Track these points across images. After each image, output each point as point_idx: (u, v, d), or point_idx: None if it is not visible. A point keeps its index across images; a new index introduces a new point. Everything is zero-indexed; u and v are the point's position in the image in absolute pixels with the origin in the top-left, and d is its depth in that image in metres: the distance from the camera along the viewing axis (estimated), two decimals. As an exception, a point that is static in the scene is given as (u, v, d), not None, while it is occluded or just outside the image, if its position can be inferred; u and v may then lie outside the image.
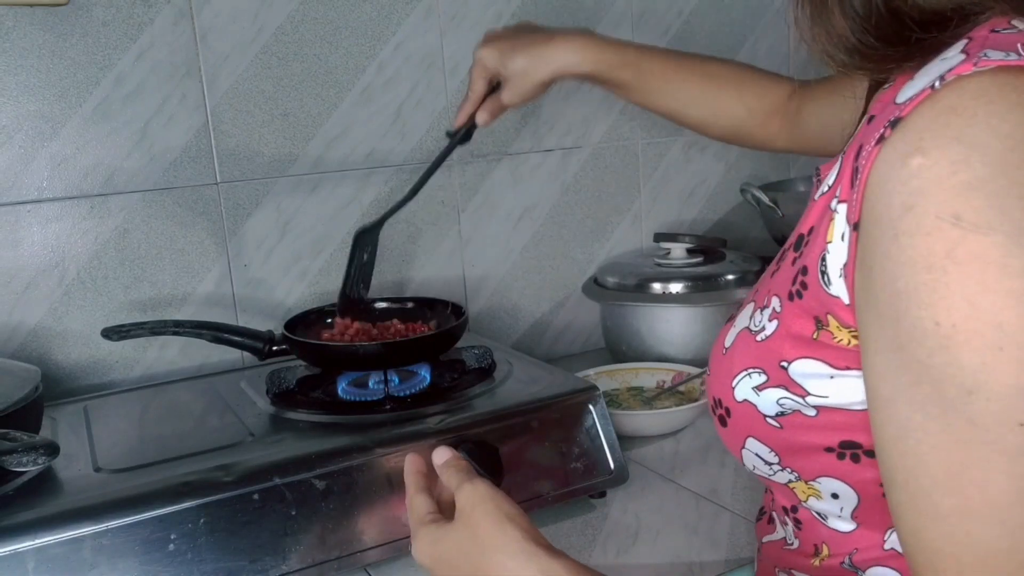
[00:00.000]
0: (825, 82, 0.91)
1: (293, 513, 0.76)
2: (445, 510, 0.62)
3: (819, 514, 0.62)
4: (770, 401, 0.57)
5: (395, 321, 1.07)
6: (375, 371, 0.96)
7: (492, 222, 1.31)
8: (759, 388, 0.58)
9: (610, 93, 1.01)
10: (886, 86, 0.53)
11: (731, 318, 0.66)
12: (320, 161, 1.18)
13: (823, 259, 0.52)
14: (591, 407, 0.91)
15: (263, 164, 1.15)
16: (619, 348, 1.29)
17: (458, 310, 1.04)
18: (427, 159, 1.25)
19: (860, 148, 0.48)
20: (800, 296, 0.55)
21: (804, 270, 0.54)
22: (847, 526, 0.60)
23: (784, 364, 0.56)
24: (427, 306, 1.09)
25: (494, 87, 0.99)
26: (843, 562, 0.61)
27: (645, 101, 0.98)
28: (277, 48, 1.14)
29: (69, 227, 1.06)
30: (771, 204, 1.36)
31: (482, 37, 0.99)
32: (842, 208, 0.50)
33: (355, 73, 1.18)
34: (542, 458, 0.87)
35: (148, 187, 1.09)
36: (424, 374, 0.98)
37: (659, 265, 1.30)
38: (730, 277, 1.25)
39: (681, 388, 1.15)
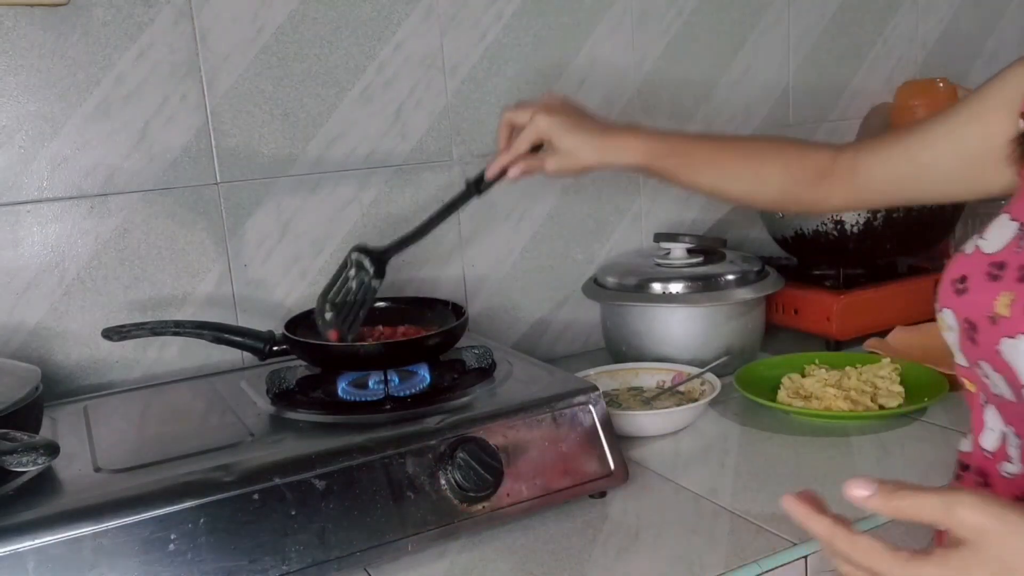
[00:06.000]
0: (876, 140, 0.92)
1: (293, 513, 0.76)
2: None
3: None
4: None
5: (402, 327, 1.08)
6: (375, 371, 0.96)
7: (492, 222, 1.31)
8: None
9: (638, 126, 1.01)
10: None
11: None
12: (320, 161, 1.18)
13: None
14: (591, 407, 0.91)
15: (263, 164, 1.15)
16: (619, 348, 1.29)
17: (458, 310, 1.04)
18: (427, 159, 1.25)
19: None
20: None
21: None
22: None
23: None
24: (427, 306, 1.09)
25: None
26: None
27: (691, 183, 1.00)
28: (277, 48, 1.14)
29: (69, 227, 1.06)
30: (771, 204, 1.36)
31: (541, 99, 1.00)
32: None
33: (355, 73, 1.18)
34: (542, 458, 0.87)
35: (148, 187, 1.09)
36: (424, 374, 0.98)
37: (659, 265, 1.30)
38: (730, 277, 1.25)
39: (681, 388, 1.15)
